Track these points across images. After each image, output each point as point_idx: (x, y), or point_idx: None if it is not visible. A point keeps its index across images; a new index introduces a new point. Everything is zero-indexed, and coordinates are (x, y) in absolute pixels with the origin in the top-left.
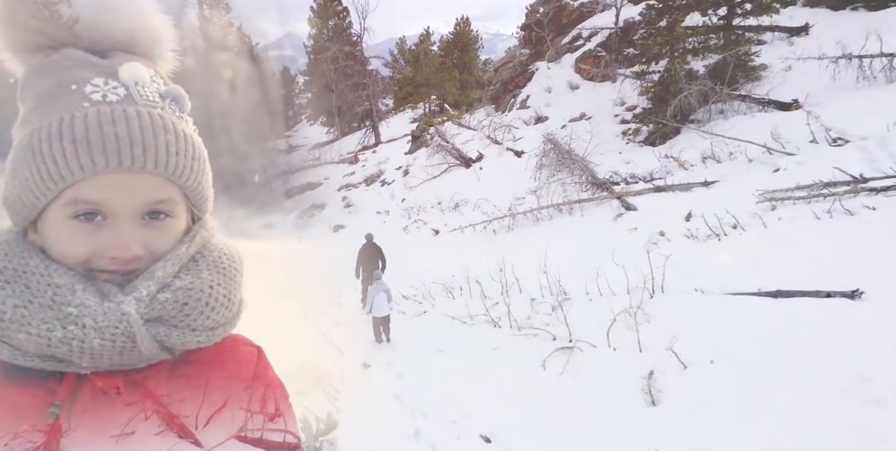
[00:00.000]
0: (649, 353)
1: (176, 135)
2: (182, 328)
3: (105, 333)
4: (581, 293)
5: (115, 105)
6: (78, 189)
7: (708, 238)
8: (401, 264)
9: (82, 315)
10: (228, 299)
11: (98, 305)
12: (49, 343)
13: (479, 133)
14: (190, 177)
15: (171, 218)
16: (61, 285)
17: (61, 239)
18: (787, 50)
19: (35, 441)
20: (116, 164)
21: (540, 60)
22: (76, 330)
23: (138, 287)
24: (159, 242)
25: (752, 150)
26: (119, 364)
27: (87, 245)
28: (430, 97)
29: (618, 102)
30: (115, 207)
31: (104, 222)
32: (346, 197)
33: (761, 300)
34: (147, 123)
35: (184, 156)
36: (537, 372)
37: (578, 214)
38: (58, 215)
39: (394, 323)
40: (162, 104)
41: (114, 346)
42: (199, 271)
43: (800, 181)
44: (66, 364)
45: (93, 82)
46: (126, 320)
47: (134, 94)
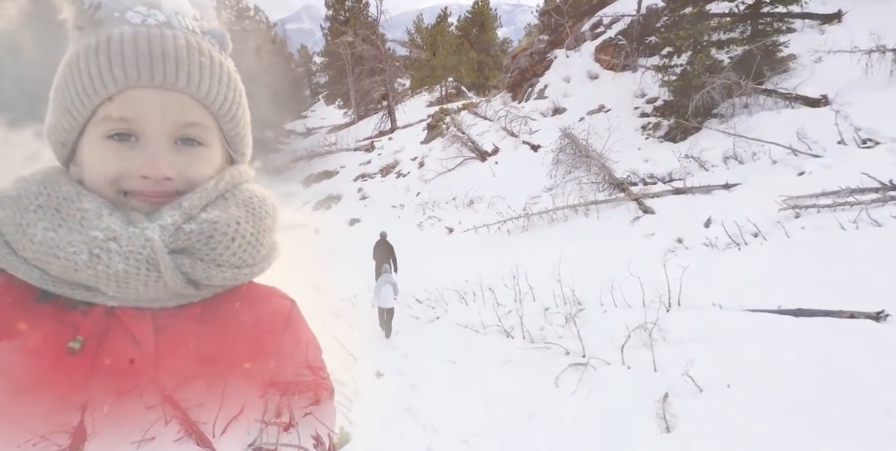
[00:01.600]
0: (664, 373)
1: (211, 59)
2: (207, 262)
3: (129, 258)
4: (595, 304)
5: (153, 27)
6: (112, 106)
7: (728, 247)
8: (415, 263)
9: (107, 239)
10: (256, 238)
11: (123, 230)
12: (76, 266)
13: (496, 124)
14: (224, 105)
15: (204, 147)
16: (89, 210)
17: (95, 159)
18: (817, 39)
19: (61, 444)
20: (149, 77)
21: (559, 48)
22: (102, 254)
23: (164, 215)
24: (190, 168)
25: (776, 150)
26: (148, 299)
27: (119, 164)
28: (447, 79)
29: (638, 94)
30: (147, 125)
31: (137, 143)
32: (361, 188)
33: (781, 319)
34: (182, 43)
35: (217, 81)
36: (550, 389)
37: (594, 215)
38: (93, 136)
39: (407, 329)
40: (202, 36)
41: (139, 273)
42: (227, 206)
43: (825, 187)
44: (93, 294)
45: (135, 9)
46: (150, 246)
47: (173, 21)
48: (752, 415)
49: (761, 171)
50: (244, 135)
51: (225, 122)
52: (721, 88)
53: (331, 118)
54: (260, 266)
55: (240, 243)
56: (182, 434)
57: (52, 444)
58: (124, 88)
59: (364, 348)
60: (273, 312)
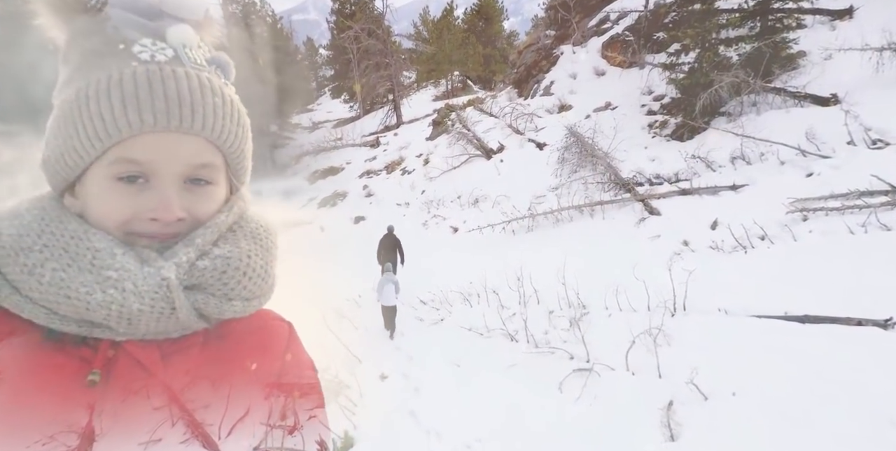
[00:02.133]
0: (669, 380)
1: (223, 99)
2: (219, 297)
3: (145, 297)
4: (600, 308)
5: (164, 65)
6: (123, 148)
7: (734, 250)
8: (420, 263)
9: (122, 279)
10: (265, 271)
11: (138, 269)
12: (88, 307)
13: (501, 121)
14: (234, 143)
15: (213, 185)
16: (101, 250)
17: (103, 201)
18: (828, 35)
19: (69, 444)
20: (165, 123)
21: (565, 44)
22: (116, 294)
23: (178, 253)
24: (200, 208)
25: (784, 150)
26: (154, 332)
27: (129, 207)
28: (453, 73)
29: (645, 91)
30: (159, 168)
31: (146, 185)
32: (367, 185)
33: (787, 325)
34: (196, 84)
35: (229, 120)
36: (554, 395)
37: (600, 216)
38: (100, 176)
39: (411, 330)
40: (209, 69)
41: (152, 311)
42: (236, 240)
43: (834, 189)
44: (102, 330)
45: (141, 42)
46: (166, 285)
47: (182, 56)
48: (757, 424)
49: (769, 172)
50: (247, 165)
51: (233, 157)
52: (729, 87)
53: (337, 112)
54: (267, 296)
55: (251, 276)
56: (188, 436)
57: (60, 444)
58: (139, 133)
59: (368, 350)
60: (273, 335)
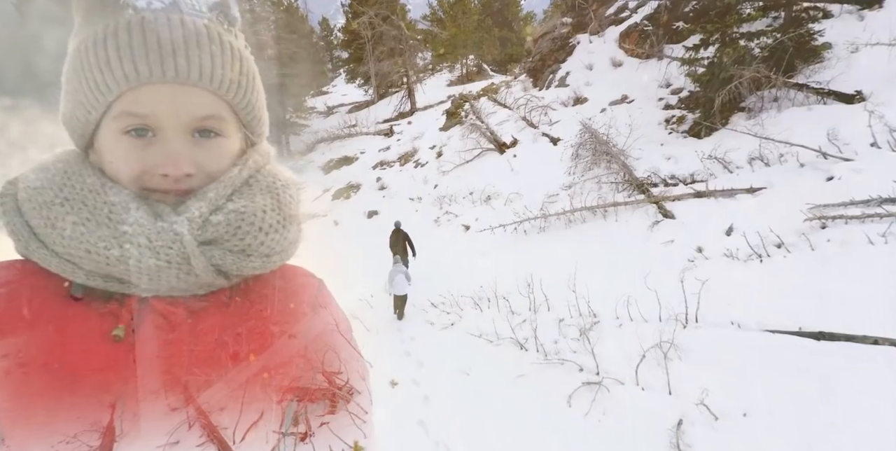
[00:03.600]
0: (679, 396)
1: (222, 47)
2: (237, 253)
3: (160, 253)
4: (611, 317)
5: (159, 12)
6: (126, 101)
7: (749, 259)
8: (432, 262)
9: (136, 234)
10: (283, 226)
11: (151, 224)
12: (108, 261)
13: (515, 113)
14: (238, 93)
15: (222, 137)
16: (116, 203)
17: (114, 156)
18: (855, 27)
19: (91, 444)
20: (160, 73)
21: (582, 33)
22: (132, 249)
23: (190, 208)
24: (210, 161)
25: (804, 151)
26: (178, 289)
27: (139, 162)
28: (468, 57)
29: (663, 84)
30: (163, 121)
31: (154, 139)
32: (380, 178)
33: (802, 342)
34: (191, 32)
35: (230, 69)
36: (563, 409)
37: (613, 218)
38: (110, 131)
39: (422, 334)
40: (209, 15)
41: (169, 266)
42: (252, 194)
43: (854, 195)
44: (126, 285)
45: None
46: (179, 240)
47: (180, 2)
48: (767, 447)
49: (788, 174)
50: (261, 116)
51: (241, 108)
52: (749, 82)
53: (352, 94)
54: (288, 252)
55: (267, 231)
56: (204, 440)
57: (83, 444)
58: (136, 85)
59: (379, 354)
60: (301, 291)
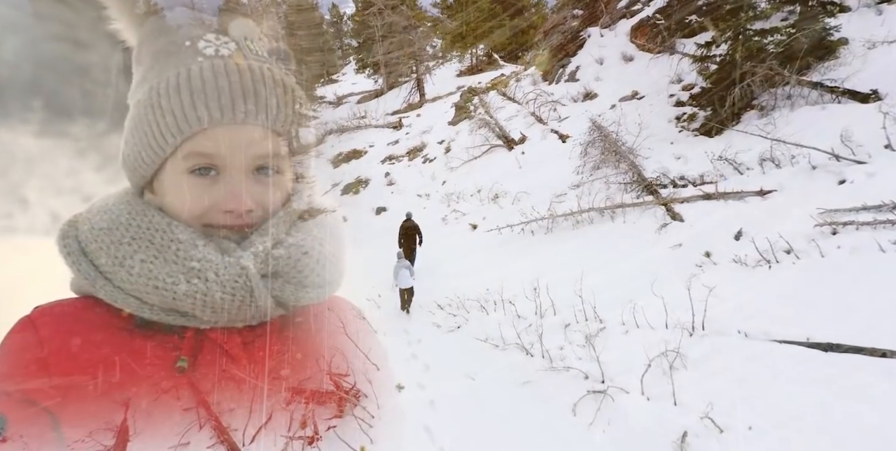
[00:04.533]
0: (684, 407)
1: (285, 88)
2: (295, 284)
3: (227, 286)
4: (617, 323)
5: (228, 59)
6: (195, 143)
7: (758, 265)
8: (439, 263)
9: (205, 269)
10: (337, 257)
11: (219, 259)
12: (175, 296)
13: (524, 109)
14: (297, 131)
15: (279, 174)
16: (184, 241)
17: (179, 194)
18: (873, 21)
19: (106, 444)
20: (231, 116)
21: (592, 26)
22: (200, 284)
23: (255, 243)
24: (270, 197)
25: (816, 152)
26: (236, 320)
27: (204, 199)
28: (479, 47)
29: (674, 80)
30: (228, 159)
31: (218, 177)
32: (388, 173)
33: (810, 353)
34: (259, 76)
35: (292, 110)
36: (567, 417)
37: (620, 219)
38: (175, 171)
39: (429, 337)
40: (269, 60)
41: (234, 299)
42: (308, 228)
43: (867, 199)
44: (188, 319)
45: (205, 38)
46: (245, 274)
47: (244, 48)
48: None
49: (799, 177)
50: (308, 147)
51: (295, 144)
52: (762, 80)
53: (361, 84)
54: (339, 283)
55: (323, 263)
56: (215, 441)
57: (97, 443)
58: (207, 128)
59: None
60: (347, 320)
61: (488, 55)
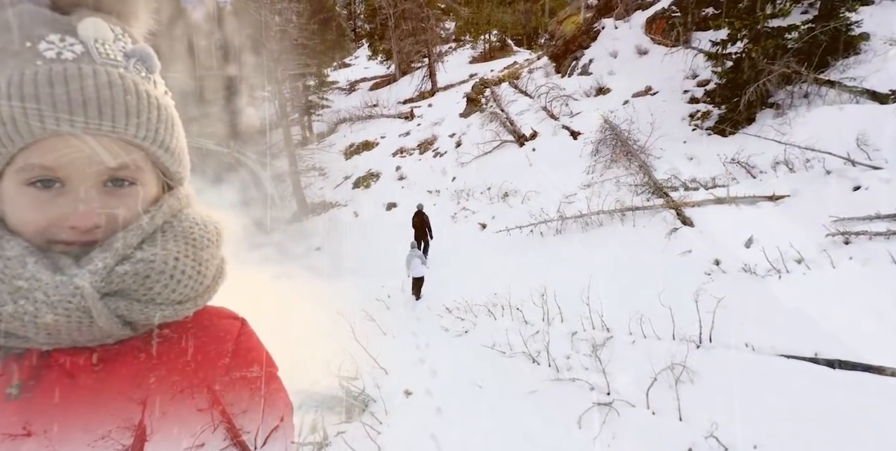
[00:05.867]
0: (689, 423)
1: (138, 95)
2: (145, 302)
3: (57, 307)
4: (624, 332)
5: (70, 63)
6: (31, 153)
7: (767, 274)
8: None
9: (32, 289)
10: (198, 272)
11: (49, 278)
12: (1, 318)
13: (536, 103)
14: (155, 141)
15: (136, 185)
16: (11, 258)
17: (17, 208)
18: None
19: (125, 443)
20: (69, 126)
21: (607, 18)
22: (27, 304)
23: (94, 260)
24: (123, 211)
25: (831, 156)
26: (82, 341)
27: (45, 214)
28: (491, 33)
29: (689, 75)
30: (72, 172)
31: (63, 190)
32: (399, 166)
33: (817, 370)
34: (104, 81)
35: (146, 118)
36: (573, 430)
37: (630, 223)
38: (13, 182)
39: (437, 341)
40: (125, 63)
41: (69, 321)
42: (164, 242)
43: (881, 207)
44: (24, 340)
45: (48, 39)
46: (80, 294)
47: (92, 51)
48: None
49: (813, 182)
50: (181, 159)
51: (158, 155)
52: (778, 78)
53: (374, 68)
54: (203, 298)
55: (179, 278)
56: (228, 443)
57: (116, 442)
58: (44, 138)
59: (395, 359)
60: (220, 334)
61: (501, 41)
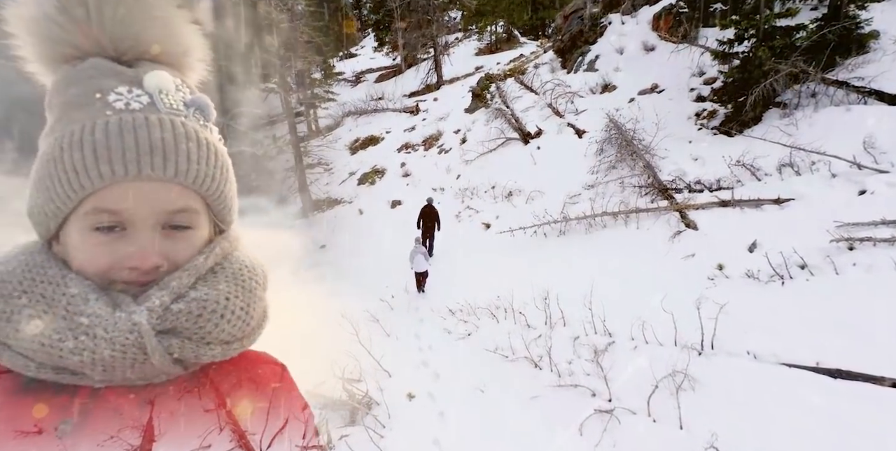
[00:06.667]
0: (690, 432)
1: (198, 143)
2: (196, 341)
3: (116, 344)
4: (626, 338)
5: (138, 113)
6: (98, 198)
7: (770, 280)
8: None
9: (94, 325)
10: (246, 312)
11: (109, 315)
12: (61, 353)
13: (541, 100)
14: (212, 186)
15: (193, 229)
16: (75, 295)
17: (82, 250)
18: None
19: (133, 443)
20: (136, 172)
21: (614, 12)
22: (87, 340)
23: (151, 297)
24: (180, 253)
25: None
26: (134, 378)
27: (107, 256)
28: (498, 24)
29: (696, 72)
30: (135, 216)
31: (124, 233)
32: (404, 163)
33: (819, 380)
34: (169, 130)
35: (206, 164)
36: (574, 437)
37: (634, 225)
38: (79, 226)
39: (440, 343)
40: (186, 112)
41: (125, 357)
42: (216, 282)
43: (886, 213)
44: (79, 377)
45: (116, 91)
46: (137, 330)
47: (157, 102)
48: None
49: (818, 185)
50: (231, 205)
51: (213, 200)
52: (785, 78)
53: (379, 59)
54: (250, 338)
55: (229, 318)
56: (234, 445)
57: (124, 442)
58: (111, 184)
59: (398, 362)
60: (263, 379)
61: (508, 32)
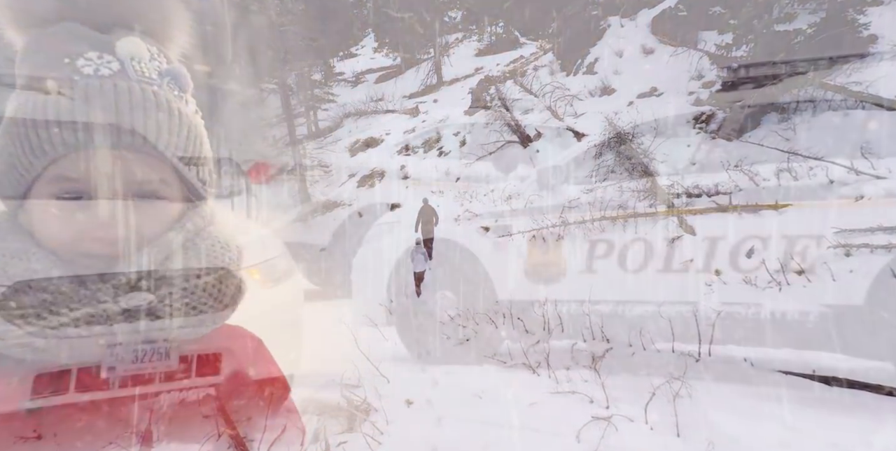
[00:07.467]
0: (686, 440)
1: (170, 112)
2: (166, 319)
3: (80, 322)
4: (623, 344)
5: (106, 79)
6: (62, 166)
7: (768, 286)
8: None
9: (57, 303)
10: (218, 290)
11: (74, 292)
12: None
13: (540, 102)
14: (183, 158)
15: (162, 200)
16: (38, 271)
17: (46, 219)
18: None
19: (131, 449)
20: (101, 140)
21: (613, 15)
22: (52, 319)
23: (118, 275)
24: (148, 225)
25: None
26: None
27: (71, 227)
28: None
29: (695, 76)
30: (99, 186)
31: (90, 203)
32: (404, 165)
33: (814, 387)
34: (139, 98)
35: (176, 135)
36: (571, 444)
37: (632, 230)
38: (42, 194)
39: (438, 348)
40: (159, 82)
41: (90, 336)
42: (186, 259)
43: (883, 219)
44: (45, 354)
45: (86, 56)
46: (103, 309)
47: (128, 69)
48: None
49: (816, 191)
50: (206, 179)
51: (186, 172)
52: (783, 83)
53: (379, 58)
54: (222, 316)
55: (200, 296)
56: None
57: (123, 448)
58: (74, 151)
59: (395, 367)
60: (240, 352)
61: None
